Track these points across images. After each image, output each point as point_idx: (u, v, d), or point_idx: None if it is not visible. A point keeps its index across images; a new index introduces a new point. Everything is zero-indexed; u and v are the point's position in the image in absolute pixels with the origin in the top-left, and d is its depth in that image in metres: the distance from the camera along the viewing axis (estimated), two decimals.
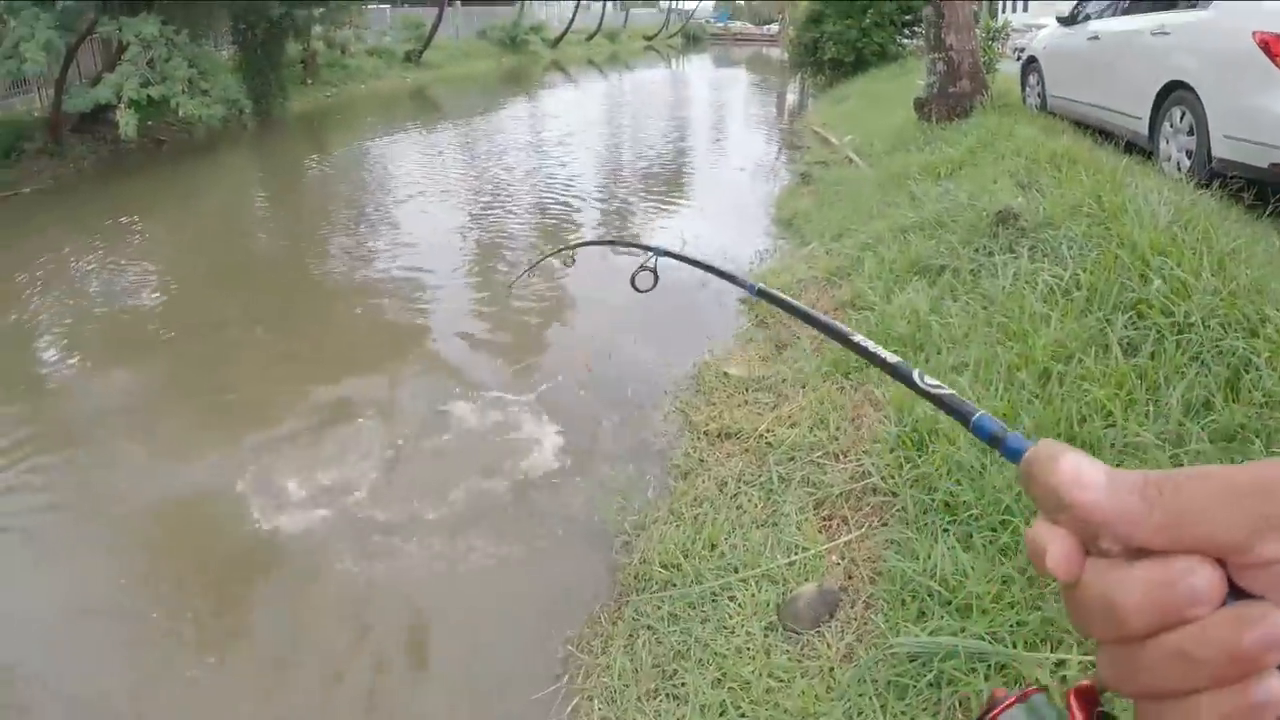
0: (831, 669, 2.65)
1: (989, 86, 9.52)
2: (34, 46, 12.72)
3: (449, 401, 5.43)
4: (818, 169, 10.35)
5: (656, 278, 1.48)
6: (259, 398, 5.70)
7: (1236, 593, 0.34)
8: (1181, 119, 6.35)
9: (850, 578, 3.02)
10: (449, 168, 14.37)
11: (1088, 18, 8.65)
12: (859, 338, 0.88)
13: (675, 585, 3.26)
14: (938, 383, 0.70)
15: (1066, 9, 9.58)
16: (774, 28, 59.44)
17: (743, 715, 2.59)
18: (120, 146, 15.50)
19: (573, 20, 47.56)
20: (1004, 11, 40.07)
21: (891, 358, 0.81)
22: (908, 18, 19.16)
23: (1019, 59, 12.32)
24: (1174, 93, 6.49)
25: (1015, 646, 2.35)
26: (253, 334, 7.05)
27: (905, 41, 19.74)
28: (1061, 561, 0.38)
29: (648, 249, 1.58)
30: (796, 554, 3.16)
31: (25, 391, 6.18)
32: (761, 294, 1.30)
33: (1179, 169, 6.31)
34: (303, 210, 12.54)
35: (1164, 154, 6.61)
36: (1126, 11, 7.80)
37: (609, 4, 57.19)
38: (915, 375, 0.73)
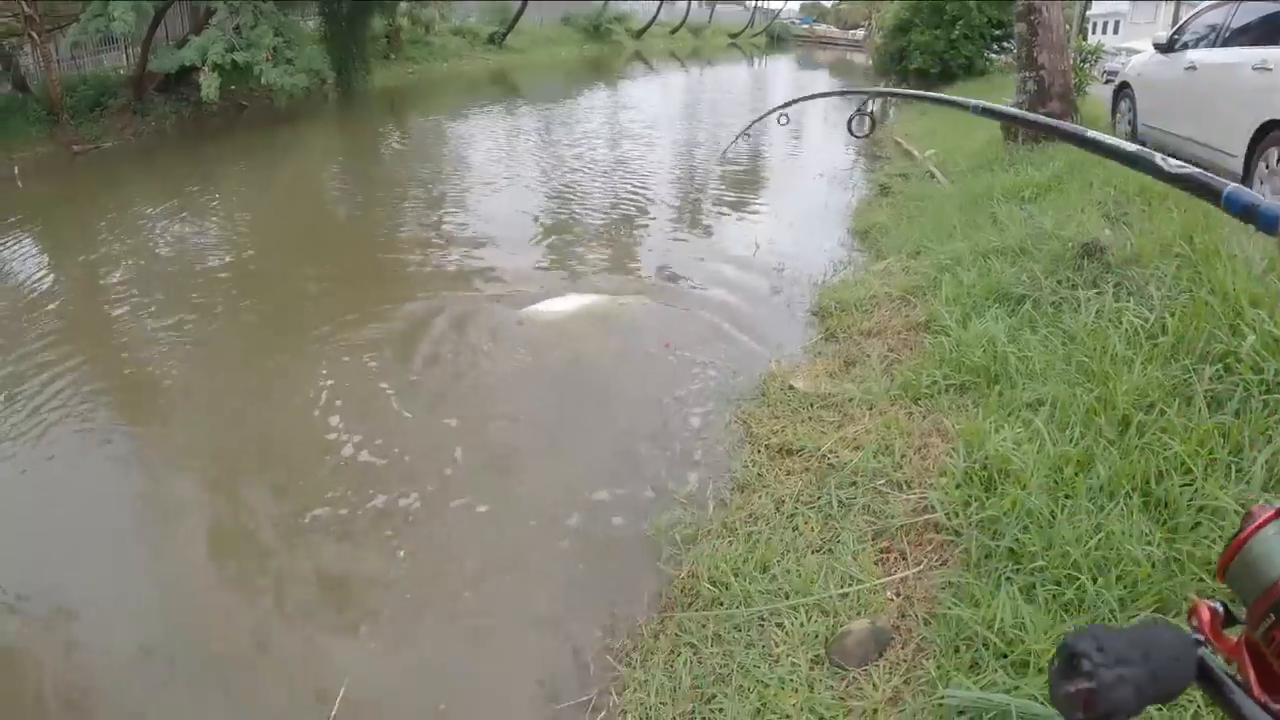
0: (876, 711, 2.56)
1: (1079, 109, 9.26)
2: (123, 6, 13.02)
3: (514, 385, 5.45)
4: (897, 181, 10.17)
5: (874, 122, 1.50)
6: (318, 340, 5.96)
7: None
8: (1278, 160, 6.11)
9: (904, 617, 2.93)
10: (524, 153, 14.44)
11: (1185, 46, 8.35)
12: (1093, 133, 0.91)
13: (722, 604, 3.19)
14: (1181, 164, 0.67)
15: (1157, 31, 9.28)
16: (859, 33, 58.76)
17: None
18: (202, 108, 15.95)
19: (657, 13, 47.58)
20: (1094, 32, 39.18)
21: (1130, 147, 0.82)
22: (997, 33, 18.75)
23: (1107, 82, 11.99)
24: (1272, 132, 6.25)
25: None
26: (317, 287, 7.39)
27: (993, 56, 19.33)
28: None
29: (866, 93, 1.60)
30: (851, 586, 3.07)
31: (100, 329, 6.44)
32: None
33: None
34: (375, 181, 12.75)
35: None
36: (1227, 43, 7.52)
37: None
38: (1159, 159, 0.74)
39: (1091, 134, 0.91)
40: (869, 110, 1.49)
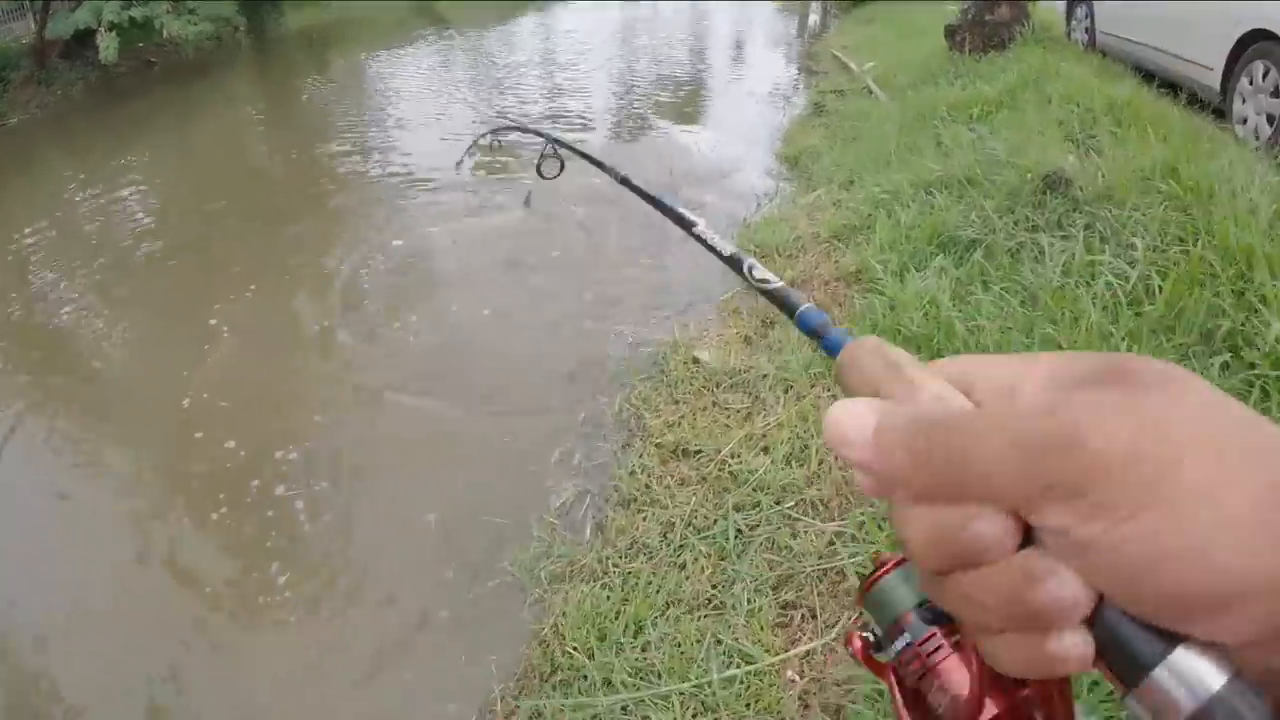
0: None
1: (1030, 16, 8.36)
2: None
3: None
4: (832, 99, 9.21)
5: (563, 165, 1.46)
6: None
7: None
8: (1265, 77, 5.31)
9: (807, 708, 2.14)
10: (454, 85, 13.59)
11: None
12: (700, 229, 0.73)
13: (585, 679, 2.42)
14: (766, 275, 0.61)
15: None
16: None
17: None
18: (108, 71, 15.14)
19: None
20: None
21: (729, 248, 0.69)
22: None
23: None
24: (1255, 44, 5.44)
25: None
26: (240, 255, 6.89)
27: None
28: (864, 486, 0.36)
29: (542, 135, 1.46)
30: (739, 665, 2.28)
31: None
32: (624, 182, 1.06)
33: (1256, 135, 5.29)
34: (298, 131, 12.02)
35: (1238, 115, 5.59)
36: None
37: None
38: (745, 267, 0.65)
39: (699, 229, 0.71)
40: (555, 153, 1.01)
